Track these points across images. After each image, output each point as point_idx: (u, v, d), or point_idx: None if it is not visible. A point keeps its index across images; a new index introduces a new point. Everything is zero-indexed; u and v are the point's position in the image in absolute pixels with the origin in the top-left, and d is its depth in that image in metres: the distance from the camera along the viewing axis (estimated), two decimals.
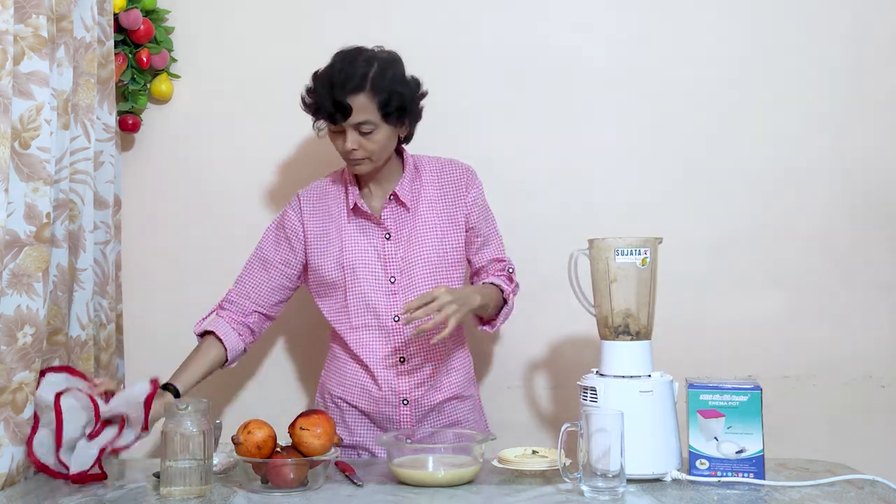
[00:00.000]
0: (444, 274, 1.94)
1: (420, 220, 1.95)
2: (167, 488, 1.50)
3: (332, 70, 1.87)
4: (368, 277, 1.92)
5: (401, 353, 1.92)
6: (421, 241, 1.94)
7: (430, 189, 1.98)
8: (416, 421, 1.93)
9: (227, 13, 2.36)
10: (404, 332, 1.91)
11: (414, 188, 1.97)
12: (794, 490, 1.54)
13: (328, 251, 1.95)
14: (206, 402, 1.54)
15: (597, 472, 1.49)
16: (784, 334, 2.28)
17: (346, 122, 1.84)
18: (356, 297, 1.93)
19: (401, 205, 1.95)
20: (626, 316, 1.69)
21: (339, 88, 1.82)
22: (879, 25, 2.30)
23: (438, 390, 1.95)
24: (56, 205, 1.80)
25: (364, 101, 1.83)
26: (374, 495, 1.53)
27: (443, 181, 1.99)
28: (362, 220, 1.96)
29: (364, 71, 1.83)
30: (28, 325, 1.66)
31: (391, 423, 1.93)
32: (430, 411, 1.95)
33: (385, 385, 1.92)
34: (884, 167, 2.29)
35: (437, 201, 1.97)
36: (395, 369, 1.92)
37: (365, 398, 1.95)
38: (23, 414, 1.65)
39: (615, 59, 2.33)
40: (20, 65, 1.68)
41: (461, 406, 2.00)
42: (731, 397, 1.60)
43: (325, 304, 1.99)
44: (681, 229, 2.24)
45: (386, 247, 1.94)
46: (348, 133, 1.85)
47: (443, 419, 1.97)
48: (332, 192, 2.00)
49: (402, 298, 1.91)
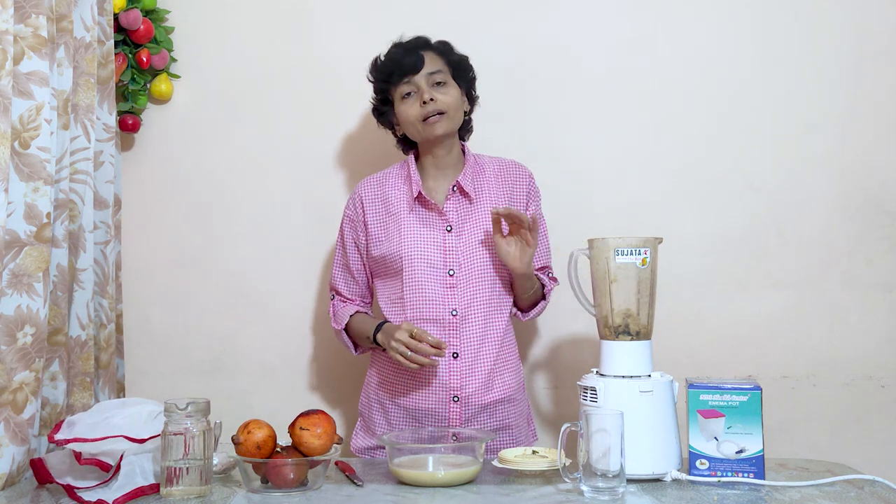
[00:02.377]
0: (501, 269, 1.94)
1: (482, 212, 1.95)
2: (167, 488, 1.50)
3: (398, 42, 2.00)
4: (427, 269, 1.91)
5: (455, 347, 1.90)
6: (481, 233, 1.94)
7: (493, 183, 2.00)
8: (464, 420, 1.90)
9: (227, 13, 2.36)
10: (459, 327, 1.90)
11: (477, 181, 1.99)
12: (794, 490, 1.54)
13: (387, 240, 1.94)
14: (206, 402, 1.54)
15: (597, 472, 1.49)
16: (784, 334, 2.28)
17: (419, 73, 1.93)
18: (413, 288, 1.91)
19: (464, 195, 1.96)
20: (626, 316, 1.69)
21: (410, 47, 1.96)
22: (879, 25, 2.30)
23: (490, 390, 1.92)
24: (56, 205, 1.80)
25: (433, 56, 1.96)
26: (374, 495, 1.53)
27: (506, 178, 2.01)
28: (424, 210, 1.96)
29: (427, 39, 1.99)
30: (28, 325, 1.67)
31: (439, 421, 1.91)
32: (481, 411, 1.92)
33: (436, 380, 1.89)
34: (884, 167, 2.29)
35: (499, 196, 1.98)
36: (448, 365, 1.90)
37: (412, 394, 1.91)
38: (23, 414, 1.65)
39: (615, 60, 2.33)
40: (20, 65, 1.68)
41: (512, 410, 1.97)
42: (731, 397, 1.60)
43: (383, 292, 1.98)
44: (681, 229, 2.24)
45: (447, 239, 1.93)
46: (423, 87, 1.92)
47: (493, 421, 1.94)
48: (392, 182, 2.00)
49: (459, 292, 1.91)
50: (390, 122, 2.04)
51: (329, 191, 2.33)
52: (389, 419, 1.95)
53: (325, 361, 2.34)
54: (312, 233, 2.31)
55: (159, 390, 2.15)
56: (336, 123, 2.34)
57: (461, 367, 1.90)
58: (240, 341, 2.33)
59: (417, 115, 1.92)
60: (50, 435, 1.58)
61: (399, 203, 1.97)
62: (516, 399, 1.98)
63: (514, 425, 1.97)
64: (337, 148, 2.34)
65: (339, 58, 2.34)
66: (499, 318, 1.94)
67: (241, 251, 2.34)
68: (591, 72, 2.33)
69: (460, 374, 1.89)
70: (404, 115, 1.95)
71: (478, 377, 1.90)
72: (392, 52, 1.98)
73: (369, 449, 1.98)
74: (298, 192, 2.34)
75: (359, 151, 2.34)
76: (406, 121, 1.95)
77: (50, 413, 1.81)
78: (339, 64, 2.34)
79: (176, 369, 2.32)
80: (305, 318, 2.33)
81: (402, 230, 1.93)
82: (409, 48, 1.96)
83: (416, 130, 1.94)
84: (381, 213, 1.97)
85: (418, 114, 1.92)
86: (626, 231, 1.87)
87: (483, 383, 1.91)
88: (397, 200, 1.97)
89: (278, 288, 2.33)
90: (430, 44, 1.98)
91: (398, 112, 1.98)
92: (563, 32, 2.33)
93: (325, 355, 2.34)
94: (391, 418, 1.95)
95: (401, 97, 1.95)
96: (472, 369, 1.90)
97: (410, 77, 1.93)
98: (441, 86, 1.94)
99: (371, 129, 2.33)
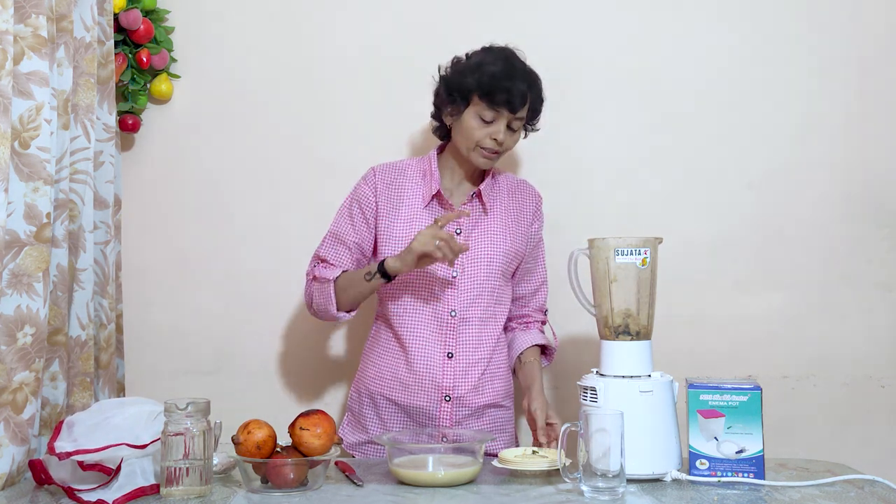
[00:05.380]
0: (500, 280, 1.98)
1: (493, 223, 1.98)
2: (167, 488, 1.50)
3: (510, 61, 1.90)
4: (433, 269, 1.92)
5: (450, 347, 1.92)
6: (490, 243, 1.96)
7: (505, 198, 2.02)
8: (455, 421, 1.91)
9: (227, 13, 2.36)
10: (457, 328, 1.92)
11: (492, 193, 2.00)
12: (794, 490, 1.54)
13: (397, 233, 1.94)
14: (206, 402, 1.54)
15: (597, 472, 1.49)
16: (784, 334, 2.28)
17: (514, 113, 1.88)
18: (418, 285, 1.93)
19: (481, 204, 1.98)
20: (626, 316, 1.69)
21: (522, 80, 1.88)
22: (879, 25, 2.30)
23: (481, 393, 1.94)
24: (56, 205, 1.80)
25: (528, 101, 1.91)
26: (374, 495, 1.53)
27: (517, 196, 2.04)
28: (439, 210, 1.97)
29: (535, 76, 1.94)
30: (28, 325, 1.66)
31: (430, 420, 1.92)
32: (471, 414, 1.93)
33: (428, 378, 1.90)
34: (884, 167, 2.29)
35: (509, 211, 2.01)
36: (442, 363, 1.91)
37: (405, 390, 1.92)
38: (23, 414, 1.65)
39: (615, 59, 2.33)
40: (20, 65, 1.68)
41: (500, 415, 1.99)
42: (731, 397, 1.60)
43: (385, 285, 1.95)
44: (681, 229, 2.24)
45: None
46: (503, 128, 1.88)
47: (481, 425, 1.95)
48: (409, 176, 2.00)
49: (461, 294, 1.92)
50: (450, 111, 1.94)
51: (329, 190, 2.32)
52: (381, 415, 1.96)
53: (325, 361, 2.34)
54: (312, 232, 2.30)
55: (159, 390, 2.15)
56: (336, 123, 2.34)
57: (455, 367, 1.91)
58: (240, 341, 2.33)
59: (479, 141, 1.89)
60: (50, 444, 1.57)
61: (414, 197, 1.97)
62: (504, 406, 2.00)
63: (501, 431, 1.99)
64: (337, 148, 2.34)
65: (339, 58, 2.34)
66: (494, 325, 1.97)
67: (241, 251, 2.34)
68: (591, 71, 2.33)
69: (454, 374, 1.91)
70: (469, 131, 1.90)
71: (470, 379, 1.92)
72: (506, 70, 1.87)
73: (359, 444, 1.98)
74: (298, 192, 2.34)
75: (359, 151, 2.34)
76: (466, 136, 1.90)
77: (50, 413, 1.81)
78: (339, 64, 2.34)
79: (176, 369, 2.32)
80: (306, 317, 2.32)
81: (412, 223, 1.94)
82: (522, 79, 1.88)
83: (466, 149, 1.92)
84: (395, 201, 1.96)
85: (480, 141, 1.89)
86: (626, 231, 1.87)
87: (475, 385, 1.92)
88: (413, 194, 1.97)
89: (278, 288, 2.33)
90: (534, 85, 1.92)
91: (465, 121, 1.90)
92: (564, 32, 2.33)
93: (325, 355, 2.34)
94: (382, 414, 1.96)
95: (479, 114, 1.88)
96: (466, 371, 1.92)
97: (505, 110, 1.87)
98: (514, 132, 1.92)
99: (371, 129, 2.33)
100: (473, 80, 1.88)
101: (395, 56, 2.32)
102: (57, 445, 1.56)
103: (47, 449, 1.57)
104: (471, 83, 1.88)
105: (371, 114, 2.31)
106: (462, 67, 1.93)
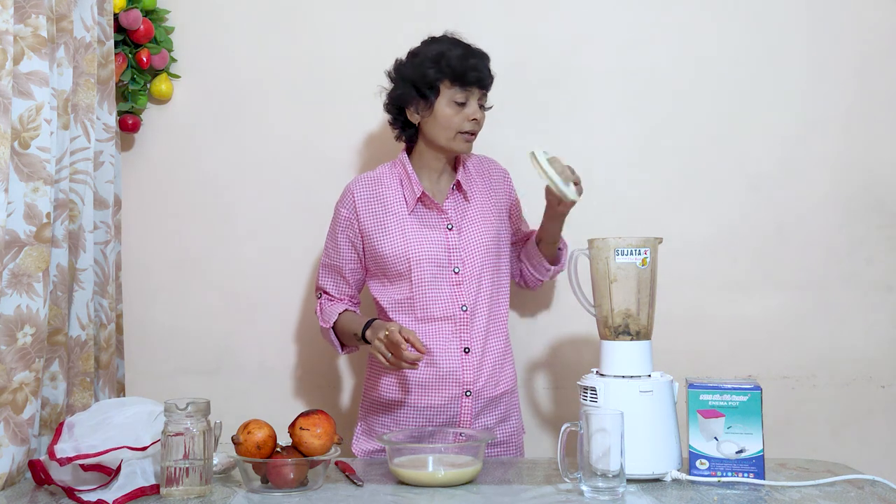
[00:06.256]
0: (499, 261, 2.01)
1: (476, 209, 2.00)
2: (167, 488, 1.50)
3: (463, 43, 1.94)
4: (435, 269, 1.92)
5: (466, 343, 1.92)
6: (479, 229, 1.98)
7: (479, 180, 2.05)
8: (474, 414, 1.92)
9: (227, 13, 2.36)
10: (469, 322, 1.93)
11: (469, 180, 2.03)
12: (794, 490, 1.54)
13: (389, 243, 1.94)
14: (206, 402, 1.54)
15: (597, 472, 1.49)
16: (784, 334, 2.28)
17: (485, 88, 1.93)
18: (423, 289, 1.92)
19: (461, 194, 2.00)
20: (626, 316, 1.69)
21: (480, 57, 1.94)
22: (880, 25, 2.30)
23: (497, 382, 1.96)
24: (56, 205, 1.80)
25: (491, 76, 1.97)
26: (374, 495, 1.53)
27: (488, 174, 2.07)
28: (425, 211, 1.97)
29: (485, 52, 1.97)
30: (28, 325, 1.66)
31: (450, 417, 1.92)
32: (488, 404, 1.95)
33: (450, 376, 1.91)
34: (885, 167, 2.29)
35: (487, 192, 2.04)
36: (461, 360, 1.92)
37: (423, 391, 1.92)
38: (23, 414, 1.65)
39: (615, 59, 2.33)
40: (20, 65, 1.68)
41: (513, 400, 2.03)
42: (731, 397, 1.60)
43: (385, 295, 1.96)
44: (681, 229, 2.24)
45: (449, 237, 1.95)
46: (476, 105, 1.92)
47: (498, 412, 1.97)
48: (388, 184, 1.99)
49: (465, 288, 1.93)
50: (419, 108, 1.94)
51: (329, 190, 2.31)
52: (398, 419, 1.95)
53: (325, 361, 2.34)
54: (312, 232, 2.31)
55: (159, 390, 2.15)
56: (336, 123, 2.34)
57: (472, 361, 1.92)
58: (240, 341, 2.33)
59: (458, 126, 1.91)
60: (50, 448, 1.56)
61: (397, 204, 1.96)
62: (514, 391, 2.04)
63: (513, 415, 2.01)
64: (337, 148, 2.34)
65: (338, 57, 2.34)
66: (500, 311, 2.00)
67: (241, 251, 2.34)
68: (591, 71, 2.33)
69: (472, 369, 1.92)
70: (447, 120, 1.91)
71: (486, 370, 1.94)
72: (465, 51, 1.92)
73: (374, 452, 1.97)
74: (298, 192, 2.34)
75: (359, 151, 2.34)
76: (445, 125, 1.92)
77: (50, 413, 1.81)
78: (339, 64, 2.34)
79: (176, 369, 2.32)
80: (305, 317, 2.33)
81: (405, 232, 1.93)
82: (480, 56, 1.93)
83: (447, 139, 1.93)
84: (379, 213, 1.96)
85: (459, 125, 1.91)
86: (626, 231, 1.87)
87: (491, 376, 1.94)
88: (395, 201, 1.97)
89: (278, 288, 2.33)
90: (488, 60, 1.96)
91: (439, 112, 1.91)
92: (564, 31, 2.33)
93: (325, 355, 2.33)
94: (399, 418, 1.95)
95: (452, 100, 1.91)
96: (482, 363, 1.93)
97: (475, 89, 1.91)
98: (482, 109, 1.96)
99: (371, 128, 2.33)
100: (439, 68, 1.90)
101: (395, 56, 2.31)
102: (57, 448, 1.55)
103: (47, 453, 1.57)
104: (437, 72, 1.90)
105: (371, 114, 2.31)
106: (420, 62, 1.93)
